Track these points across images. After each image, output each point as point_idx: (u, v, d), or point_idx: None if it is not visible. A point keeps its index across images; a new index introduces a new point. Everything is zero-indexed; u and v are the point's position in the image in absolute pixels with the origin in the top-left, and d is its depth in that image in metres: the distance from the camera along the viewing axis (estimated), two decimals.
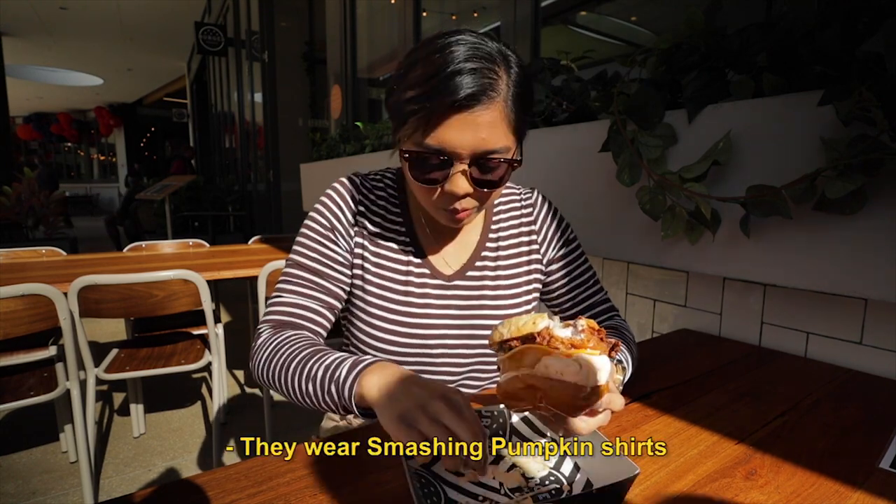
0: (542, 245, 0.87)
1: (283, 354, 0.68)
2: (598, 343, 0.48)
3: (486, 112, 0.62)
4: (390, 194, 0.83)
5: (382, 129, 2.96)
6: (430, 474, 0.58)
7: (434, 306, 0.80)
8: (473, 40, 0.64)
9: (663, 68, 1.23)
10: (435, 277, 0.80)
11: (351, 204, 0.80)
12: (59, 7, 8.33)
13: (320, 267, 0.77)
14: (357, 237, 0.80)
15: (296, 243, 0.79)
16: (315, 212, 0.80)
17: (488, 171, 0.66)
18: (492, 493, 0.55)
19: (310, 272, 0.77)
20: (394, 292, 0.79)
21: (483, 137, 0.63)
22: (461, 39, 0.63)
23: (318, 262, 0.77)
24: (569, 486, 0.57)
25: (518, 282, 0.85)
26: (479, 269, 0.83)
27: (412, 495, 0.47)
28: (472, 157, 0.64)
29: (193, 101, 13.98)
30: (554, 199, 0.95)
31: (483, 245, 0.84)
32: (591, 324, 0.50)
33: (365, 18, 4.25)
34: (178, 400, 2.57)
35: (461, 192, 0.66)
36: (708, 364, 0.98)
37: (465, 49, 0.62)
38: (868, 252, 0.88)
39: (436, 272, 0.81)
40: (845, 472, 0.59)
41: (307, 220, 0.80)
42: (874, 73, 0.80)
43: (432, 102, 0.61)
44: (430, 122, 0.62)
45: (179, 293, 1.72)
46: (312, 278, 0.77)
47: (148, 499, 0.54)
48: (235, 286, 2.60)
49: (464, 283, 0.82)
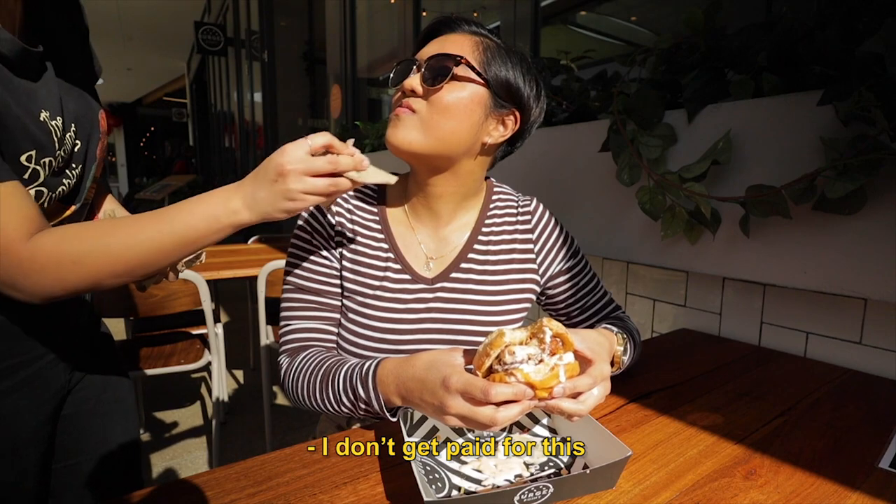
0: (539, 255, 0.83)
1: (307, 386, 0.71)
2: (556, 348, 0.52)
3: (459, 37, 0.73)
4: (367, 200, 0.83)
5: (382, 128, 2.96)
6: (434, 462, 0.59)
7: (414, 310, 0.77)
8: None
9: (663, 68, 1.23)
10: (416, 282, 0.78)
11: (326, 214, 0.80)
12: None
13: (315, 285, 0.78)
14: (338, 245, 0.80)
15: (288, 263, 0.80)
16: (298, 228, 0.80)
17: (436, 69, 0.70)
18: (493, 478, 0.57)
19: (310, 293, 0.78)
20: (367, 297, 0.77)
21: (447, 47, 0.72)
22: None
23: (312, 281, 0.78)
24: (567, 471, 0.59)
25: (506, 289, 0.81)
26: (464, 272, 0.80)
27: (417, 482, 0.48)
28: (427, 59, 0.71)
29: (193, 100, 13.99)
30: (554, 199, 0.94)
31: (470, 247, 0.81)
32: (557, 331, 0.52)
33: (365, 18, 4.25)
34: (178, 400, 2.57)
35: (407, 86, 0.71)
36: (707, 364, 0.98)
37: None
38: (868, 252, 0.88)
39: (417, 276, 0.78)
40: (845, 472, 0.59)
41: (294, 237, 0.80)
42: (874, 73, 0.80)
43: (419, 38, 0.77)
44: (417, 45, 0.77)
45: (179, 293, 1.72)
46: (314, 299, 0.78)
47: (148, 498, 0.54)
48: (235, 286, 2.60)
49: (448, 286, 0.79)
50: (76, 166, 0.68)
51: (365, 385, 0.64)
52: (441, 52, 0.71)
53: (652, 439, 0.67)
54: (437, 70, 0.69)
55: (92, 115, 0.72)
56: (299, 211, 0.63)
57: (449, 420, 0.53)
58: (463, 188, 0.78)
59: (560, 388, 0.50)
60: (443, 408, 0.53)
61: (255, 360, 2.94)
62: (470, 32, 0.75)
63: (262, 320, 1.92)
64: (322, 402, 0.69)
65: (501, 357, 0.51)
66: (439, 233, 0.81)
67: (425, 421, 0.65)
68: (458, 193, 0.79)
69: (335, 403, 0.68)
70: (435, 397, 0.54)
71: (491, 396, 0.49)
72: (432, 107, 0.70)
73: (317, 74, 6.02)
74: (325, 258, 0.78)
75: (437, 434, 0.64)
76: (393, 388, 0.61)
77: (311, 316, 0.78)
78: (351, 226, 0.80)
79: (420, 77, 0.70)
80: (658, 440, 0.66)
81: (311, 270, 0.78)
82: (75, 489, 0.80)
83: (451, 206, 0.80)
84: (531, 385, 0.49)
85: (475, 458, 0.61)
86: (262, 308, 1.89)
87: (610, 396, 0.80)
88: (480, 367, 0.51)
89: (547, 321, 0.52)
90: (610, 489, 0.55)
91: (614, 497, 0.54)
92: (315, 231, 0.78)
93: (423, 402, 0.56)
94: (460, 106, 0.70)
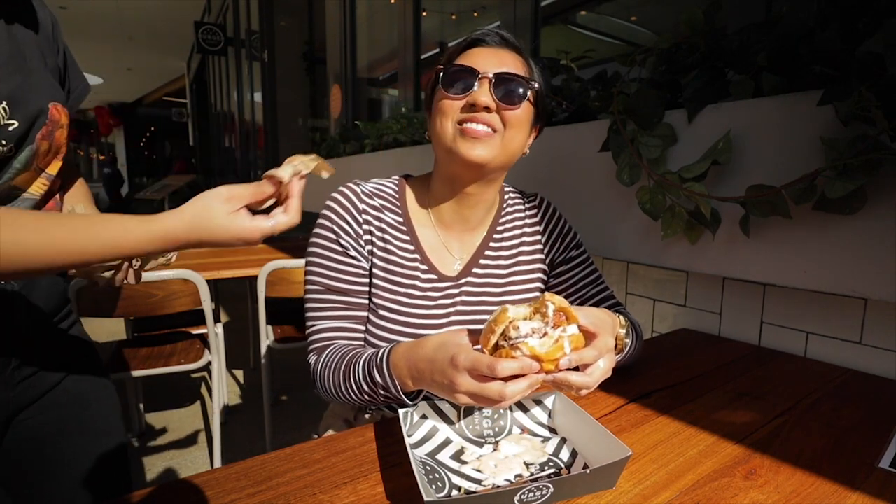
0: (546, 246, 0.89)
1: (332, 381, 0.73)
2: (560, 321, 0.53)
3: (509, 54, 0.75)
4: (390, 201, 0.84)
5: (382, 128, 2.96)
6: (434, 462, 0.59)
7: (442, 306, 0.81)
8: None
9: (663, 68, 1.23)
10: (442, 280, 0.82)
11: (354, 213, 0.80)
12: (58, 7, 8.32)
13: (343, 285, 0.78)
14: (367, 244, 0.80)
15: (310, 263, 0.80)
16: (321, 227, 0.80)
17: (510, 88, 0.72)
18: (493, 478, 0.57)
19: (335, 293, 0.78)
20: (398, 294, 0.80)
21: (506, 63, 0.74)
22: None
23: (339, 281, 0.78)
24: (567, 471, 0.59)
25: (521, 279, 0.87)
26: (483, 267, 0.85)
27: (417, 482, 0.48)
28: (495, 74, 0.72)
29: (193, 100, 13.99)
30: (554, 198, 0.95)
31: (487, 245, 0.86)
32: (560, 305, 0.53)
33: (365, 18, 4.25)
34: (178, 400, 2.57)
35: (483, 101, 0.71)
36: (707, 364, 0.98)
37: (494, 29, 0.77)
38: (868, 252, 0.88)
39: (442, 276, 0.82)
40: (845, 472, 0.59)
41: (315, 236, 0.80)
42: (874, 73, 0.80)
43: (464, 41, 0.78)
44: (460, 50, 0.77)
45: (179, 293, 1.72)
46: (339, 298, 0.78)
47: (148, 498, 0.54)
48: (235, 286, 2.60)
49: (472, 281, 0.84)
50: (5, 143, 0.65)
51: (381, 370, 0.66)
52: (509, 70, 0.73)
53: (652, 439, 0.67)
54: (513, 89, 0.72)
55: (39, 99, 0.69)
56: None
57: (460, 398, 0.54)
58: (493, 194, 0.84)
59: (566, 359, 0.52)
60: (453, 386, 0.54)
61: (255, 360, 2.94)
62: (513, 50, 0.77)
63: (262, 320, 1.92)
64: (348, 392, 0.71)
65: (506, 333, 0.52)
66: (465, 236, 0.86)
67: (425, 421, 0.65)
68: (489, 200, 0.84)
69: (358, 392, 0.69)
70: (444, 376, 0.55)
71: (497, 372, 0.50)
72: (509, 126, 0.74)
73: (317, 74, 6.02)
74: (353, 258, 0.79)
75: (437, 434, 0.64)
76: (405, 371, 0.63)
77: (338, 315, 0.79)
78: (379, 224, 0.81)
79: (491, 93, 0.72)
80: (658, 440, 0.66)
81: (339, 270, 0.79)
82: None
83: (482, 212, 0.85)
84: (537, 358, 0.50)
85: (475, 458, 0.61)
86: (262, 308, 1.89)
87: (610, 396, 0.80)
88: (487, 345, 0.53)
89: (549, 296, 0.53)
90: (610, 489, 0.55)
91: (614, 497, 0.54)
92: (343, 231, 0.79)
93: (434, 381, 0.58)
94: (526, 125, 0.76)
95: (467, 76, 0.72)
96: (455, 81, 0.73)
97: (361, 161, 3.12)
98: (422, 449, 0.62)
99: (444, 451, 0.62)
